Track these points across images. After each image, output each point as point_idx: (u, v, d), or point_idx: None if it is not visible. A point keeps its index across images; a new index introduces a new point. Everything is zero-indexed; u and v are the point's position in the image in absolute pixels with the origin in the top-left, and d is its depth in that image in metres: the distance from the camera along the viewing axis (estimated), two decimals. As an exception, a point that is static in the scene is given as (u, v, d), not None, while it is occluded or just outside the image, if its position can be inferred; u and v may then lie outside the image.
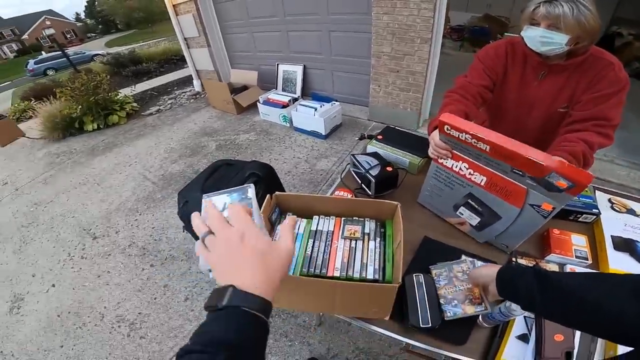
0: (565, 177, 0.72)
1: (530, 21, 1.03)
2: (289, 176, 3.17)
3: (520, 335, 0.83)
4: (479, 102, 1.25)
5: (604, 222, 1.08)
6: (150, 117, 5.36)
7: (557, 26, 0.96)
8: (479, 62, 1.28)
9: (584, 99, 1.08)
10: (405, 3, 2.95)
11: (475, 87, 1.24)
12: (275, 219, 0.97)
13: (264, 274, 0.42)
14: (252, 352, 0.38)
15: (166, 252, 2.53)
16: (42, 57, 18.16)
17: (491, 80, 1.26)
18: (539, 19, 1.00)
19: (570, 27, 0.95)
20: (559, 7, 0.94)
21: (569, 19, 0.93)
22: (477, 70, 1.27)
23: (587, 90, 1.08)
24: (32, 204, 3.49)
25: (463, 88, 1.25)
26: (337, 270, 0.85)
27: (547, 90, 1.18)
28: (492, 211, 0.96)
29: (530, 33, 1.04)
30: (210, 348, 0.35)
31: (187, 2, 4.83)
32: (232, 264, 0.42)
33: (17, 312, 2.28)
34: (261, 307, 0.39)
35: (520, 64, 1.21)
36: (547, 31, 0.99)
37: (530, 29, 1.04)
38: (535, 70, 1.17)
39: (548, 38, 1.00)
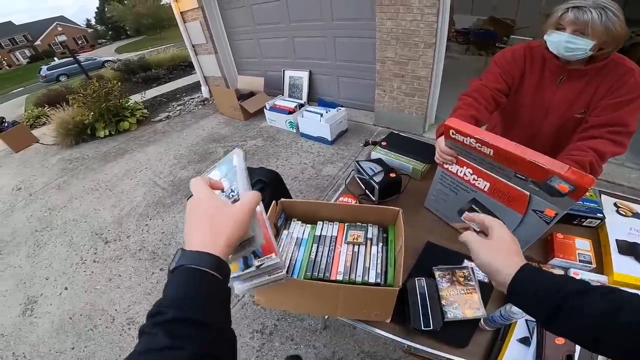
0: (566, 180, 0.73)
1: (556, 26, 1.02)
2: (295, 182, 3.21)
3: (521, 338, 0.84)
4: (492, 106, 1.24)
5: (609, 226, 1.08)
6: (159, 124, 5.46)
7: (584, 32, 0.95)
8: (495, 65, 1.27)
9: (602, 104, 1.07)
10: (409, 8, 2.98)
11: (490, 91, 1.23)
12: (281, 225, 1.01)
13: (211, 233, 0.43)
14: (206, 307, 0.39)
15: (175, 257, 2.57)
16: (54, 63, 18.34)
17: (507, 85, 1.25)
18: (565, 24, 0.99)
19: (597, 33, 0.94)
20: (587, 13, 0.93)
21: (597, 25, 0.93)
22: (493, 74, 1.26)
23: (605, 97, 1.07)
24: (46, 209, 3.58)
25: (477, 91, 1.24)
26: (340, 274, 0.88)
27: (564, 96, 1.17)
28: (495, 217, 0.97)
29: (555, 38, 1.03)
30: (163, 307, 0.37)
31: (195, 10, 4.92)
32: (188, 230, 0.45)
33: (31, 315, 2.34)
34: (208, 263, 0.40)
35: (539, 68, 1.20)
36: (572, 36, 0.98)
37: (555, 33, 1.02)
38: (554, 74, 1.17)
39: (573, 43, 0.99)
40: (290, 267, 0.90)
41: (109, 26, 47.19)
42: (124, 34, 45.51)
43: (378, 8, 3.17)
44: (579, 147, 1.04)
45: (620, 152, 1.05)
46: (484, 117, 1.20)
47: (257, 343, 1.88)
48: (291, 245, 0.96)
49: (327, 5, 3.81)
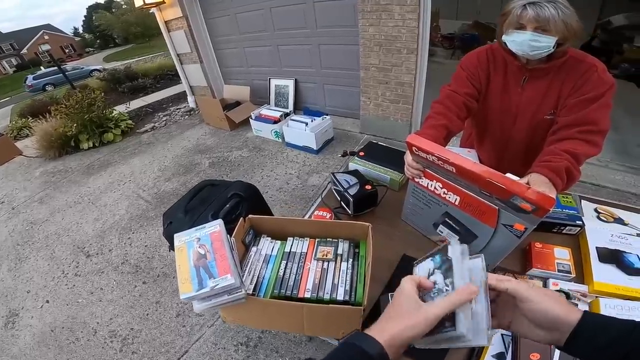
0: (527, 200, 0.72)
1: (516, 25, 0.99)
2: (280, 192, 3.19)
3: (496, 354, 0.82)
4: (463, 112, 1.22)
5: (589, 233, 1.06)
6: (145, 135, 5.39)
7: (545, 28, 0.94)
8: (461, 70, 1.25)
9: (569, 103, 1.05)
10: (390, 14, 3.00)
11: (461, 97, 1.21)
12: (250, 241, 0.99)
13: (391, 328, 0.46)
14: None
15: (158, 270, 2.54)
16: (40, 72, 18.07)
17: (475, 89, 1.23)
18: (526, 22, 0.96)
19: (558, 29, 0.93)
20: (545, 9, 0.91)
21: (558, 21, 0.91)
22: (460, 79, 1.24)
23: (571, 95, 1.05)
24: (28, 222, 3.51)
25: (448, 98, 1.22)
26: (307, 291, 0.86)
27: (530, 97, 1.15)
28: (469, 230, 0.96)
29: (517, 37, 1.00)
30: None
31: (179, 19, 4.90)
32: (380, 319, 0.49)
33: (12, 327, 2.31)
34: (374, 350, 0.43)
35: (502, 70, 1.18)
36: (535, 34, 0.96)
37: (517, 33, 1.00)
38: (516, 76, 1.15)
39: (537, 41, 0.96)
40: (257, 285, 0.89)
41: (97, 34, 46.81)
42: (112, 43, 45.17)
43: (360, 15, 3.18)
44: (552, 151, 1.01)
45: (594, 153, 1.02)
46: (455, 125, 1.18)
47: (241, 356, 1.85)
48: (259, 262, 0.94)
49: (311, 13, 3.82)
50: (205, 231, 0.86)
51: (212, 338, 1.97)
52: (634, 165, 2.80)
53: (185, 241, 0.85)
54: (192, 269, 0.79)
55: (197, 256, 0.80)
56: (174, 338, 2.02)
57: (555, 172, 0.94)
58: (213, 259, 0.79)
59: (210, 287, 0.67)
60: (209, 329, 2.03)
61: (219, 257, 0.79)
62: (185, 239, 0.86)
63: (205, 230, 0.86)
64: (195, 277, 0.77)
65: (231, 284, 0.68)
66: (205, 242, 0.84)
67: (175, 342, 2.00)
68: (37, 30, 42.98)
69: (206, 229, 0.87)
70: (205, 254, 0.80)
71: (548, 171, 0.94)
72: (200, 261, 0.79)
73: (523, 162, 1.32)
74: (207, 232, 0.85)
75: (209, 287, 0.67)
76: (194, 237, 0.85)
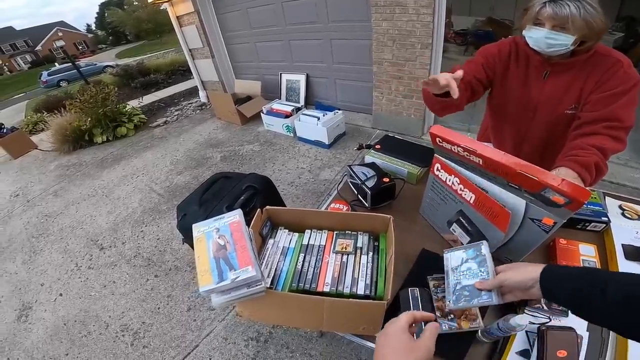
0: (560, 193, 0.69)
1: (535, 21, 0.99)
2: (292, 187, 3.17)
3: (521, 350, 0.80)
4: (468, 92, 1.20)
5: (615, 230, 1.03)
6: (157, 129, 5.45)
7: (564, 26, 0.92)
8: (479, 56, 1.24)
9: (593, 99, 1.03)
10: (404, 9, 2.95)
11: (469, 76, 1.18)
12: (267, 233, 0.97)
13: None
14: None
15: (170, 263, 2.55)
16: (55, 68, 18.34)
17: (487, 77, 1.21)
18: (544, 19, 0.96)
19: (577, 28, 0.91)
20: (565, 7, 0.90)
21: (577, 19, 0.89)
22: (475, 64, 1.23)
23: (595, 90, 1.03)
24: (43, 215, 3.57)
25: None
26: (327, 285, 0.84)
27: (551, 91, 1.13)
28: (480, 232, 0.93)
29: (534, 34, 1.00)
30: None
31: (191, 14, 4.92)
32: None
33: (25, 320, 2.34)
34: None
35: (523, 63, 1.17)
36: (552, 32, 0.95)
37: (534, 29, 0.99)
38: (538, 69, 1.13)
39: (553, 39, 0.96)
40: (275, 278, 0.87)
41: (109, 31, 47.31)
42: (124, 39, 45.54)
43: (373, 9, 3.14)
44: (579, 145, 0.98)
45: (621, 149, 1.00)
46: (461, 101, 1.16)
47: (251, 351, 1.85)
48: (277, 255, 0.92)
49: (323, 8, 3.79)
50: (224, 221, 0.84)
51: (222, 333, 1.97)
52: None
53: (204, 231, 0.83)
54: (211, 260, 0.77)
55: (217, 247, 0.78)
56: (185, 332, 2.02)
57: (585, 167, 0.91)
58: (233, 249, 0.77)
59: (232, 280, 0.65)
60: (219, 324, 2.02)
61: (239, 248, 0.77)
62: (204, 229, 0.84)
63: (224, 221, 0.84)
64: (215, 268, 0.75)
65: (252, 277, 0.66)
66: (224, 232, 0.82)
67: (185, 336, 2.00)
68: (51, 27, 43.61)
69: (225, 219, 0.85)
70: (225, 245, 0.78)
71: (577, 165, 0.91)
72: (220, 252, 0.77)
73: (541, 157, 1.31)
74: (227, 222, 0.83)
75: (229, 279, 0.65)
76: (213, 227, 0.84)
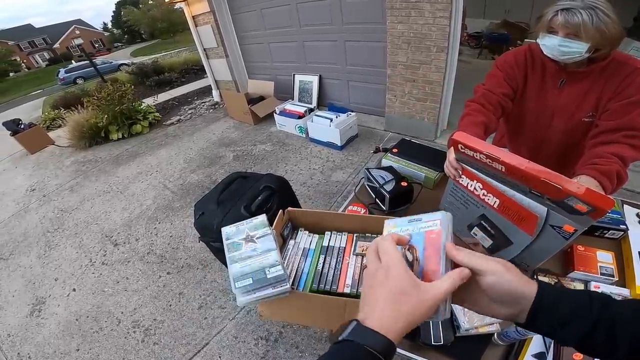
0: (584, 201, 0.68)
1: (548, 29, 0.99)
2: (304, 187, 3.19)
3: (537, 353, 0.80)
4: (499, 112, 1.20)
5: (632, 238, 1.03)
6: (171, 127, 5.52)
7: (577, 34, 0.92)
8: (498, 70, 1.23)
9: (611, 107, 1.02)
10: (420, 12, 2.94)
11: (496, 96, 1.19)
12: (288, 234, 0.98)
13: (395, 314, 0.39)
14: None
15: (183, 261, 2.57)
16: (72, 66, 18.65)
17: (511, 89, 1.21)
18: (557, 28, 0.96)
19: (590, 35, 0.91)
20: (577, 15, 0.90)
21: (589, 27, 0.89)
22: (496, 78, 1.22)
23: (613, 98, 1.02)
24: (59, 210, 3.64)
25: (484, 97, 1.20)
26: (347, 287, 0.85)
27: (568, 99, 1.13)
28: (504, 236, 0.92)
29: (547, 42, 1.00)
30: None
31: (206, 13, 4.97)
32: (369, 299, 0.42)
33: (38, 315, 2.37)
34: (380, 346, 0.36)
35: (540, 71, 1.16)
36: (565, 40, 0.95)
37: (548, 37, 1.00)
38: (554, 77, 1.13)
39: (566, 47, 0.96)
40: (296, 279, 0.88)
41: (124, 30, 48.10)
42: (139, 38, 46.28)
43: (389, 12, 3.14)
44: (599, 154, 0.98)
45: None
46: (492, 123, 1.16)
47: (261, 350, 1.86)
48: (297, 256, 0.93)
49: (337, 9, 3.80)
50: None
51: (233, 331, 1.98)
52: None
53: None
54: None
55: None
56: (196, 330, 2.04)
57: (607, 176, 0.91)
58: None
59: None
60: (230, 322, 2.04)
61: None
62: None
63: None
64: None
65: (281, 275, 0.68)
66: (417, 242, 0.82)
67: (196, 334, 2.02)
68: (68, 26, 44.57)
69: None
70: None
71: (598, 174, 0.92)
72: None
73: (558, 164, 1.31)
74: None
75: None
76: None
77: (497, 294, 0.43)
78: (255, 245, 0.79)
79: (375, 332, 0.37)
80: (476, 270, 0.43)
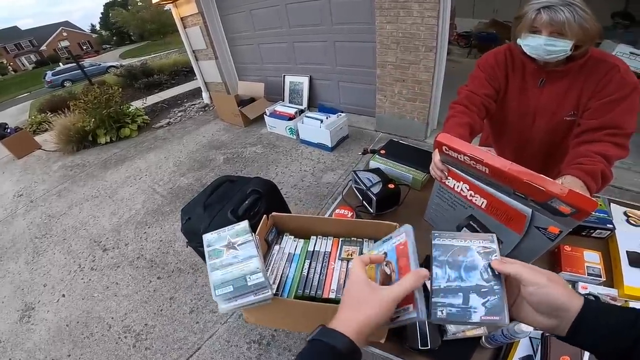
0: (567, 203, 0.68)
1: (531, 29, 0.98)
2: (295, 190, 3.18)
3: (524, 356, 0.80)
4: (482, 113, 1.20)
5: (619, 237, 1.03)
6: (160, 130, 5.47)
7: (561, 32, 0.92)
8: (479, 71, 1.23)
9: (592, 105, 1.02)
10: (409, 12, 2.95)
11: (479, 97, 1.19)
12: (272, 240, 0.97)
13: (353, 316, 0.46)
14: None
15: (173, 265, 2.55)
16: (59, 68, 18.43)
17: (494, 89, 1.21)
18: (540, 27, 0.95)
19: (574, 32, 0.90)
20: (560, 12, 0.89)
21: (573, 24, 0.89)
22: (479, 79, 1.22)
23: (593, 96, 1.02)
24: (46, 215, 3.59)
25: (467, 98, 1.20)
26: (332, 292, 0.84)
27: (549, 98, 1.13)
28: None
29: (531, 42, 0.99)
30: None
31: (194, 15, 4.94)
32: (339, 309, 0.50)
33: (28, 321, 2.35)
34: (340, 343, 0.43)
35: (520, 71, 1.16)
36: (550, 39, 0.94)
37: (531, 37, 0.98)
38: (534, 77, 1.13)
39: (552, 45, 0.95)
40: (281, 284, 0.87)
41: (113, 31, 47.52)
42: (128, 40, 45.74)
43: (378, 12, 3.15)
44: (584, 153, 0.98)
45: (624, 156, 1.00)
46: (477, 124, 1.16)
47: (254, 354, 1.85)
48: (282, 261, 0.92)
49: (327, 10, 3.79)
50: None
51: (225, 335, 1.97)
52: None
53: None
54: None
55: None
56: (187, 334, 2.02)
57: (591, 175, 0.92)
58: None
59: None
60: (222, 326, 2.03)
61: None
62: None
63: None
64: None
65: (261, 283, 0.67)
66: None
67: (188, 338, 2.00)
68: (55, 27, 43.79)
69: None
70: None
71: (583, 174, 0.92)
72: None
73: (542, 164, 1.32)
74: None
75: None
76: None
77: (536, 304, 0.45)
78: (237, 252, 0.78)
79: (335, 331, 0.44)
80: (520, 279, 0.46)
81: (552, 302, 0.44)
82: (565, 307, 0.43)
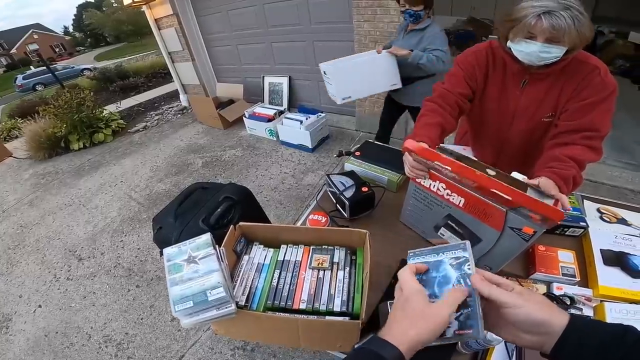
0: (535, 212, 0.69)
1: (526, 34, 0.92)
2: (275, 192, 3.14)
3: (500, 362, 0.80)
4: (456, 112, 1.18)
5: (593, 235, 1.03)
6: (136, 134, 5.32)
7: (559, 39, 0.88)
8: (459, 68, 1.20)
9: (570, 107, 1.01)
10: (386, 10, 2.96)
11: (454, 96, 1.16)
12: (242, 250, 0.94)
13: (408, 333, 0.45)
14: None
15: (152, 273, 2.50)
16: (30, 72, 17.84)
17: (470, 89, 1.18)
18: (538, 33, 0.89)
19: (571, 39, 0.87)
20: (562, 18, 0.84)
21: (573, 31, 0.85)
22: (456, 77, 1.19)
23: (572, 98, 1.01)
24: (19, 226, 3.46)
25: (441, 97, 1.17)
26: (303, 302, 0.82)
27: (529, 99, 1.11)
28: (473, 233, 0.92)
29: (525, 48, 0.94)
30: None
31: (169, 16, 4.83)
32: (390, 319, 0.49)
33: (6, 332, 2.29)
34: (390, 354, 0.43)
35: (501, 70, 1.13)
36: (545, 45, 0.90)
37: (525, 43, 0.93)
38: (516, 78, 1.10)
39: (547, 52, 0.91)
40: (250, 295, 0.84)
41: (87, 33, 46.19)
42: (104, 41, 44.55)
43: (355, 10, 3.14)
44: (558, 157, 0.96)
45: (597, 159, 0.99)
46: (449, 124, 1.14)
47: (238, 360, 1.82)
48: (252, 272, 0.90)
49: (305, 9, 3.77)
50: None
51: (208, 342, 1.95)
52: (631, 162, 2.82)
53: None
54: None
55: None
56: (170, 342, 1.99)
57: (564, 180, 0.91)
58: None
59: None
60: (204, 333, 2.00)
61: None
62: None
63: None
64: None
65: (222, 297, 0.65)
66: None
67: (171, 346, 1.97)
68: (26, 30, 42.18)
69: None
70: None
71: (557, 177, 0.90)
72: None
73: (521, 164, 1.30)
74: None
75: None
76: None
77: (518, 324, 0.46)
78: (198, 266, 0.75)
79: (386, 341, 0.44)
80: (498, 302, 0.46)
81: (533, 320, 0.44)
82: (547, 323, 0.44)
